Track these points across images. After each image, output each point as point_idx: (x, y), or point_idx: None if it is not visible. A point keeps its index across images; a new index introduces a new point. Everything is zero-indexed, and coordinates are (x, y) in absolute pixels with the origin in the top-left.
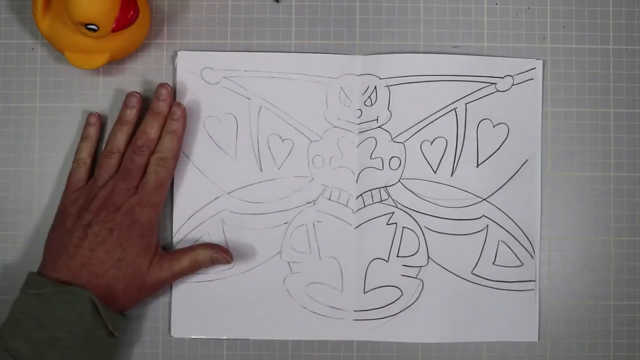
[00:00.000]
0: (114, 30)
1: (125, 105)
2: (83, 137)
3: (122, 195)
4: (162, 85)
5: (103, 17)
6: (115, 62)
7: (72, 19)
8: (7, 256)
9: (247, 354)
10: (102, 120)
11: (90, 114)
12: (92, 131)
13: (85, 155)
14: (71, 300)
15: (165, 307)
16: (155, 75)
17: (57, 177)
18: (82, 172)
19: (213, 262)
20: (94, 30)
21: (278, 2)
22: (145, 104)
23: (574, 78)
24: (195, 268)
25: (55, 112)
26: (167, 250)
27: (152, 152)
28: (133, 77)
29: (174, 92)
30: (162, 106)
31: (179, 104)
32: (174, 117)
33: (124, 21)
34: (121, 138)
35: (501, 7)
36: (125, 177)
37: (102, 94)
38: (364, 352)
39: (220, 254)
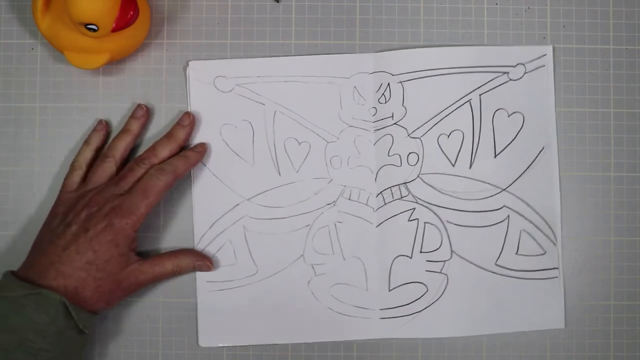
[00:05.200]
0: (114, 30)
1: (131, 116)
2: (85, 142)
3: (107, 197)
4: (187, 113)
5: (103, 17)
6: (115, 62)
7: (72, 19)
8: (7, 256)
9: None
10: (109, 130)
11: (99, 121)
12: (95, 138)
13: (82, 160)
14: (42, 303)
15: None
16: (155, 75)
17: (56, 177)
18: (77, 176)
19: (195, 270)
20: (94, 30)
21: (278, 2)
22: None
23: (574, 78)
24: (176, 273)
25: (55, 112)
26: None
27: None
28: (133, 77)
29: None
30: (180, 132)
31: (204, 144)
32: (196, 149)
33: (124, 21)
34: (120, 145)
35: (501, 7)
36: (117, 182)
37: (102, 94)
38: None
39: (203, 262)
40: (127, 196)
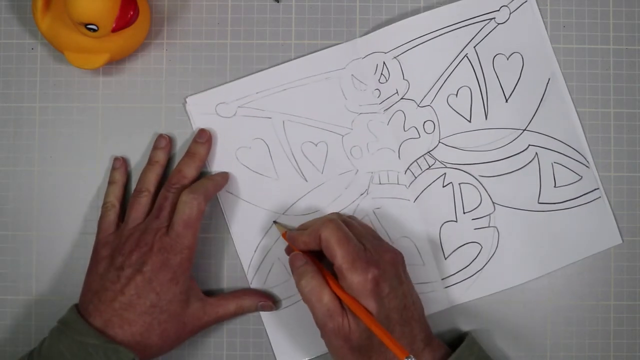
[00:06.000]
0: (114, 30)
1: (154, 147)
2: (110, 182)
3: (153, 235)
4: (202, 130)
5: (103, 17)
6: (115, 62)
7: (72, 19)
8: (7, 256)
9: None
10: (127, 165)
11: (116, 159)
12: (118, 175)
13: (113, 198)
14: (112, 357)
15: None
16: (155, 75)
17: (57, 177)
18: (112, 216)
19: (257, 310)
20: (94, 30)
21: (278, 2)
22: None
23: (574, 78)
24: (239, 313)
25: (55, 112)
26: (212, 294)
27: None
28: (133, 77)
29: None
30: (199, 149)
31: (227, 173)
32: (220, 174)
33: (124, 21)
34: (151, 177)
35: None
36: (157, 215)
37: (102, 94)
38: None
39: (266, 302)
40: (172, 231)
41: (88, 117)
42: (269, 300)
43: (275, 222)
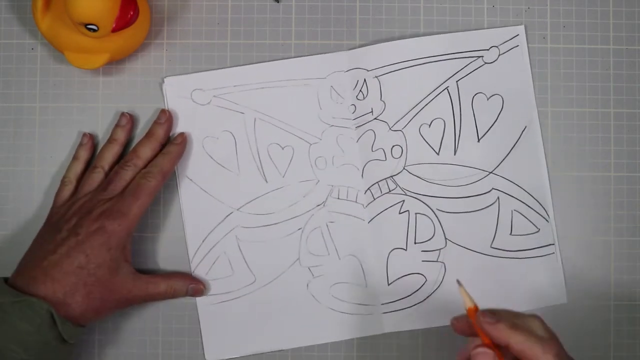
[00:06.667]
0: (114, 30)
1: (116, 125)
2: (74, 158)
3: (96, 202)
4: (162, 110)
5: (103, 17)
6: (115, 62)
7: (72, 19)
8: (7, 256)
9: None
10: (94, 142)
11: (84, 135)
12: (83, 152)
13: (72, 175)
14: (28, 311)
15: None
16: (155, 75)
17: (57, 177)
18: (67, 191)
19: (188, 294)
20: (94, 30)
21: (278, 2)
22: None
23: (574, 78)
24: (169, 295)
25: (55, 112)
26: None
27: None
28: (133, 77)
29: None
30: (158, 130)
31: (183, 133)
32: (175, 141)
33: (124, 21)
34: (108, 155)
35: (501, 8)
36: (106, 187)
37: (102, 94)
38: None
39: (196, 285)
40: (117, 199)
41: (88, 117)
42: (200, 284)
43: (459, 283)
